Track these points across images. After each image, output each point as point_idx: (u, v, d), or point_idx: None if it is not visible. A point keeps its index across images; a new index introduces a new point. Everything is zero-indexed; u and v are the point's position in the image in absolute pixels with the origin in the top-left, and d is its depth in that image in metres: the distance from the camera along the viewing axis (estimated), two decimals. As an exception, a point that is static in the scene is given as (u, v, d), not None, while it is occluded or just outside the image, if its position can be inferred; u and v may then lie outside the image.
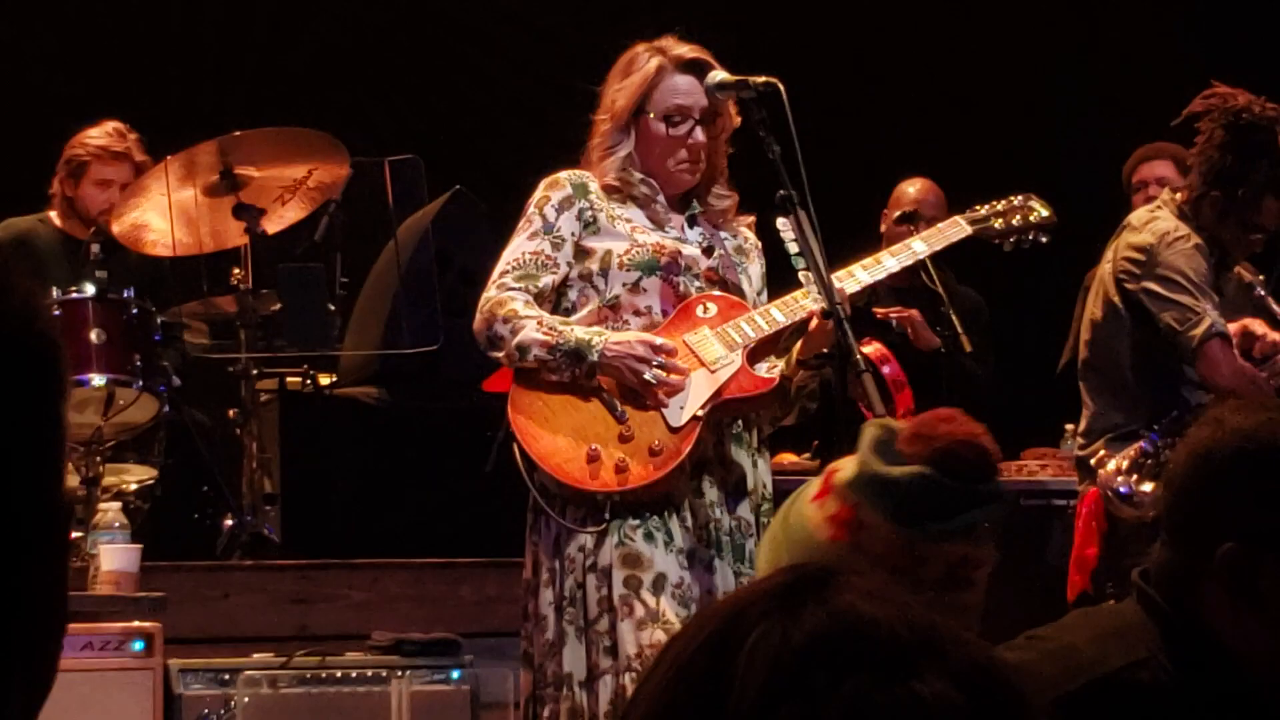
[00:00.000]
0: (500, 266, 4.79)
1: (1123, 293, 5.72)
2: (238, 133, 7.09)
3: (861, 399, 4.34)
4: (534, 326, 4.65)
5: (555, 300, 4.77)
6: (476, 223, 7.92)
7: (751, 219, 4.94)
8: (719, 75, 4.71)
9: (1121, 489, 5.55)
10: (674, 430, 4.63)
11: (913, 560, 2.23)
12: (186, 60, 9.38)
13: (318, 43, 9.72)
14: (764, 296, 4.90)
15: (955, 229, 5.12)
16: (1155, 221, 5.76)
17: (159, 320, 6.85)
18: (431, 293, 7.57)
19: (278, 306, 7.27)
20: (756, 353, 4.74)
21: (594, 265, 4.75)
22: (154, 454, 6.87)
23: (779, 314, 4.74)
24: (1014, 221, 5.20)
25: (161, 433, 6.87)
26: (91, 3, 9.33)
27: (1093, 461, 5.72)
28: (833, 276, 4.63)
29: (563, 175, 4.85)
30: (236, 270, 7.25)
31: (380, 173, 7.60)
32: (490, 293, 4.74)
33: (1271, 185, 5.66)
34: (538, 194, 4.84)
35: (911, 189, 7.62)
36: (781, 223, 4.64)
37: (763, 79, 4.62)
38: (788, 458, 7.88)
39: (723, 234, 4.88)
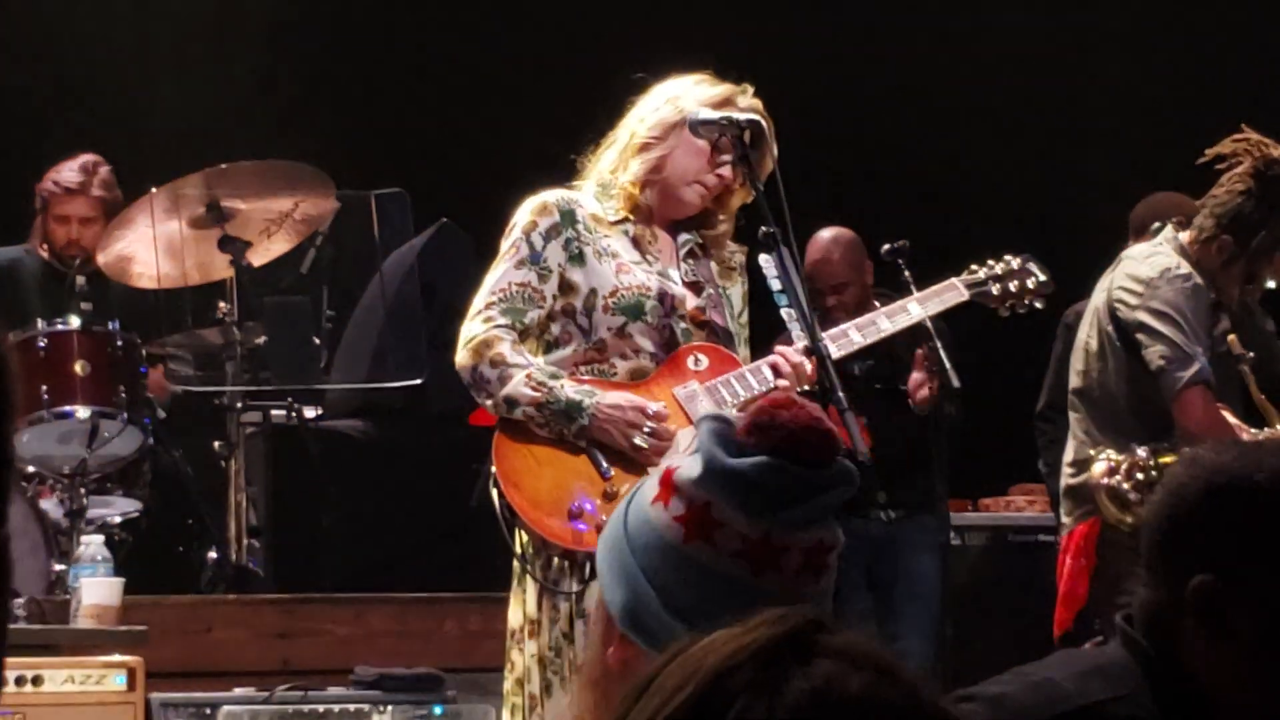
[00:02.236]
0: (485, 296, 4.67)
1: (1116, 322, 5.69)
2: (224, 165, 7.10)
3: (844, 436, 4.33)
4: (523, 380, 4.54)
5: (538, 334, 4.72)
6: (462, 256, 7.92)
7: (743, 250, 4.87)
8: (702, 112, 4.62)
9: (1119, 485, 5.47)
10: None
11: (771, 552, 2.21)
12: (173, 92, 9.38)
13: (304, 75, 9.73)
14: (744, 318, 4.85)
15: (952, 293, 5.06)
16: (1157, 256, 5.73)
17: (144, 352, 6.84)
18: (417, 326, 7.56)
19: (263, 339, 7.26)
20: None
21: (577, 303, 4.67)
22: (138, 486, 6.86)
23: (769, 372, 4.67)
24: (1011, 287, 5.14)
25: (146, 465, 6.86)
26: (81, 35, 9.33)
27: (1088, 470, 5.66)
28: (827, 335, 4.61)
29: (550, 199, 4.72)
30: (222, 303, 7.24)
31: (366, 206, 7.60)
32: (476, 328, 4.63)
33: None
34: (524, 217, 4.71)
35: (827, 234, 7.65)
36: (764, 260, 4.61)
37: (745, 117, 4.56)
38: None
39: (711, 261, 4.81)
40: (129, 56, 9.33)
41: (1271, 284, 5.76)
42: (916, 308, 4.99)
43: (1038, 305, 5.30)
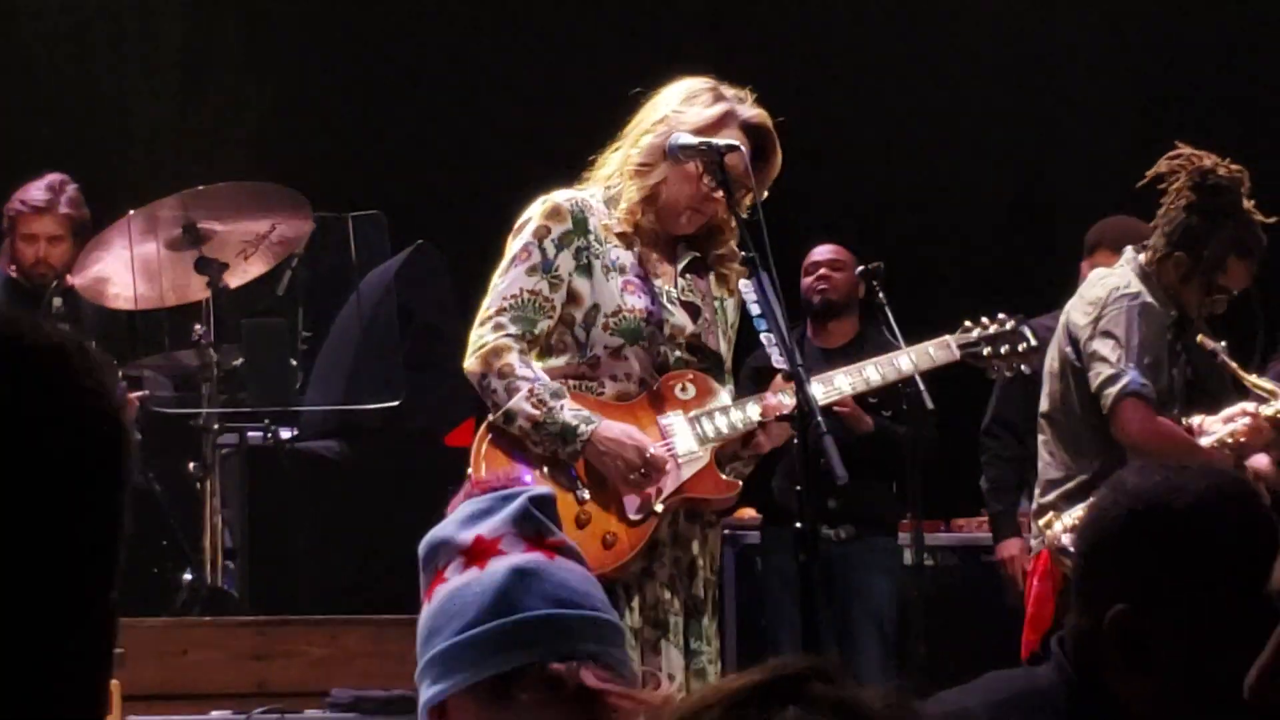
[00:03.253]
0: (496, 300, 4.63)
1: (1072, 344, 5.76)
2: (200, 187, 7.10)
3: (823, 458, 4.34)
4: (525, 396, 4.53)
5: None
6: (439, 277, 7.94)
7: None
8: (681, 138, 4.59)
9: (1070, 547, 5.55)
10: (631, 523, 4.56)
11: None
12: (149, 114, 9.38)
13: (280, 96, 9.74)
14: (734, 330, 4.85)
15: (944, 351, 5.03)
16: (1110, 278, 5.81)
17: (119, 374, 6.84)
18: (394, 347, 7.57)
19: (239, 361, 7.26)
20: (724, 448, 4.68)
21: (578, 314, 4.64)
22: (114, 508, 6.84)
23: (754, 413, 4.67)
24: (1001, 350, 5.13)
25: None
26: (56, 58, 9.33)
27: (1041, 522, 5.74)
28: (815, 381, 4.62)
29: (564, 204, 4.68)
30: (198, 325, 7.24)
31: (343, 228, 7.61)
32: (487, 335, 4.60)
33: (1236, 246, 5.70)
34: (536, 221, 4.66)
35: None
36: (744, 284, 4.62)
37: (725, 142, 4.54)
38: (748, 512, 7.91)
39: (710, 275, 4.78)
40: (104, 79, 9.33)
41: (1234, 291, 5.80)
42: (907, 363, 4.98)
43: (1024, 370, 5.31)
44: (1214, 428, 5.78)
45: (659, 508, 4.59)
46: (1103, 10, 10.22)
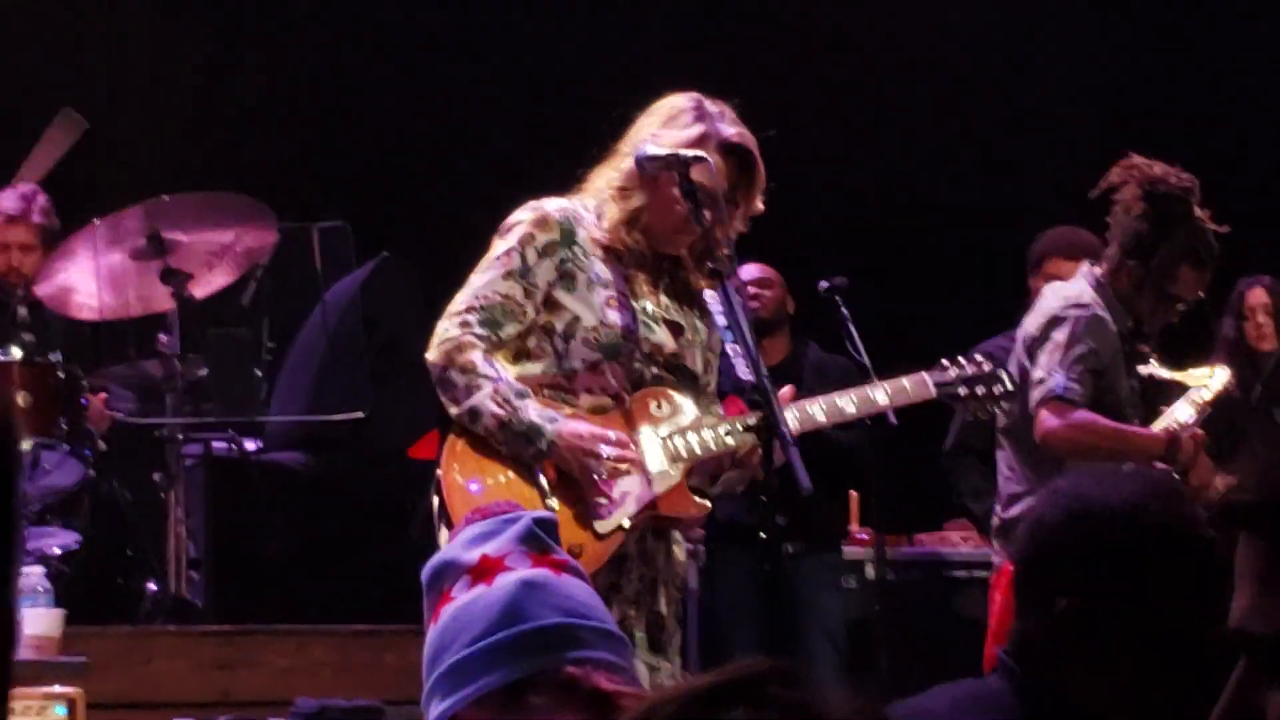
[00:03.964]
0: (467, 298, 4.61)
1: (1030, 357, 5.80)
2: (165, 197, 7.11)
3: (789, 470, 4.36)
4: (489, 394, 4.52)
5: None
6: (405, 288, 7.95)
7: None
8: (649, 148, 4.59)
9: None
10: (599, 536, 4.55)
11: None
12: (113, 122, 9.37)
13: (246, 107, 9.74)
14: (715, 356, 4.85)
15: (921, 388, 5.02)
16: (1062, 290, 5.86)
17: (85, 384, 6.84)
18: (359, 359, 7.59)
19: (205, 371, 7.26)
20: (696, 469, 4.67)
21: (559, 325, 4.63)
22: (78, 518, 6.85)
23: (729, 437, 4.66)
24: (978, 392, 5.10)
25: (86, 497, 6.85)
26: (17, 66, 9.31)
27: (1004, 536, 5.78)
28: (794, 408, 4.62)
29: (554, 213, 4.65)
30: (163, 335, 7.24)
31: (308, 239, 7.62)
32: (452, 330, 4.58)
33: (1188, 254, 5.74)
34: (523, 228, 4.63)
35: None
36: (709, 295, 4.63)
37: (693, 153, 4.54)
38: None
39: (693, 301, 4.78)
40: (67, 87, 9.32)
41: (1188, 300, 5.84)
42: (883, 397, 4.94)
43: (998, 411, 5.33)
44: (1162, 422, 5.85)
45: (627, 523, 4.57)
46: (1069, 26, 10.27)
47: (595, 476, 4.54)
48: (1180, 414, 5.85)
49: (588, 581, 2.38)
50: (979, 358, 5.17)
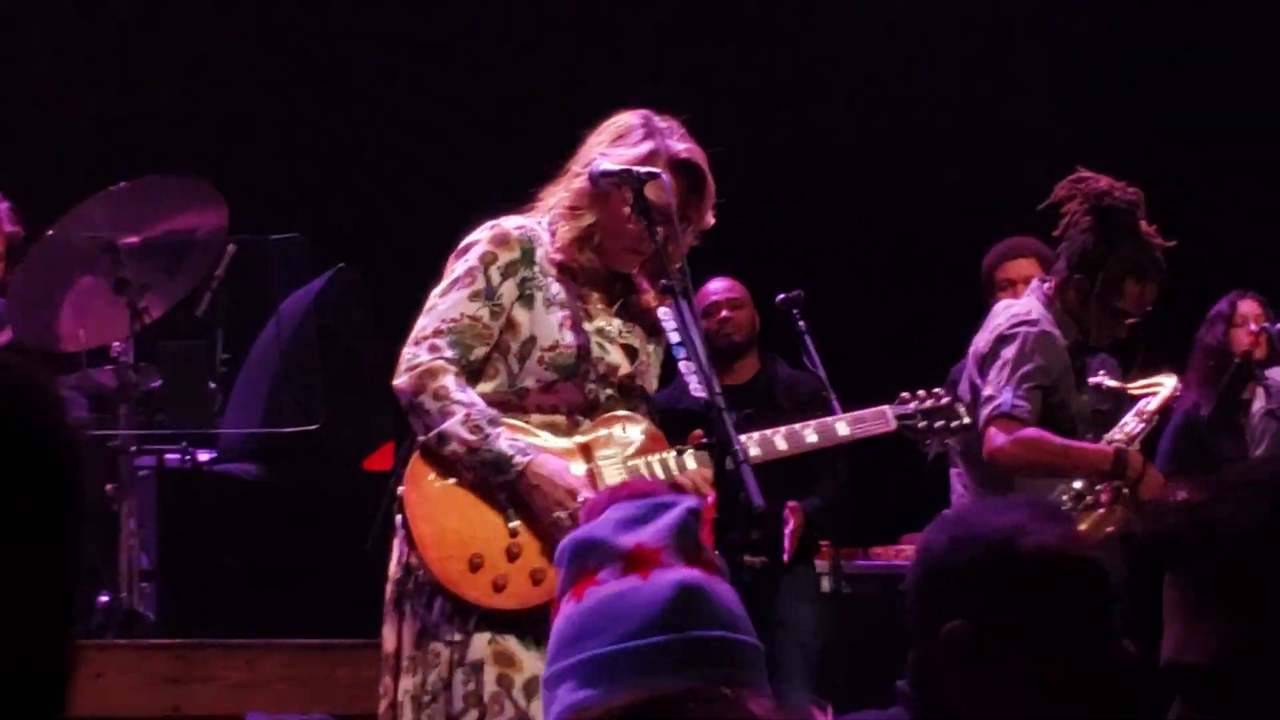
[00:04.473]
0: (434, 320, 4.59)
1: (981, 375, 5.81)
2: (101, 194, 7.02)
3: (740, 488, 4.36)
4: (461, 420, 4.49)
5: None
6: (361, 301, 7.92)
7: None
8: (603, 164, 4.60)
9: None
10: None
11: None
12: (61, 134, 9.34)
13: (200, 118, 9.71)
14: (657, 359, 4.85)
15: (881, 422, 5.09)
16: (1011, 307, 5.88)
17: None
18: (313, 370, 7.55)
19: (158, 383, 7.21)
20: None
21: (514, 344, 4.62)
22: (29, 530, 6.80)
23: (691, 462, 4.66)
24: (935, 425, 5.17)
25: (37, 508, 6.80)
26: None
27: None
28: (754, 438, 4.64)
29: (513, 232, 4.65)
30: (117, 343, 7.19)
31: (263, 250, 7.59)
32: (421, 354, 4.56)
33: (1133, 268, 5.75)
34: (483, 246, 4.63)
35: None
36: (663, 312, 4.62)
37: (646, 170, 4.54)
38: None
39: (646, 321, 4.78)
40: (18, 96, 9.28)
41: (1135, 315, 5.85)
42: (845, 429, 4.99)
43: (954, 446, 5.36)
44: (1110, 434, 5.86)
45: None
46: (1040, 41, 10.29)
47: (558, 519, 4.50)
48: (1129, 426, 5.87)
49: (729, 580, 2.36)
50: (938, 390, 5.22)
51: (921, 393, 5.20)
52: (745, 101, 9.87)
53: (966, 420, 5.24)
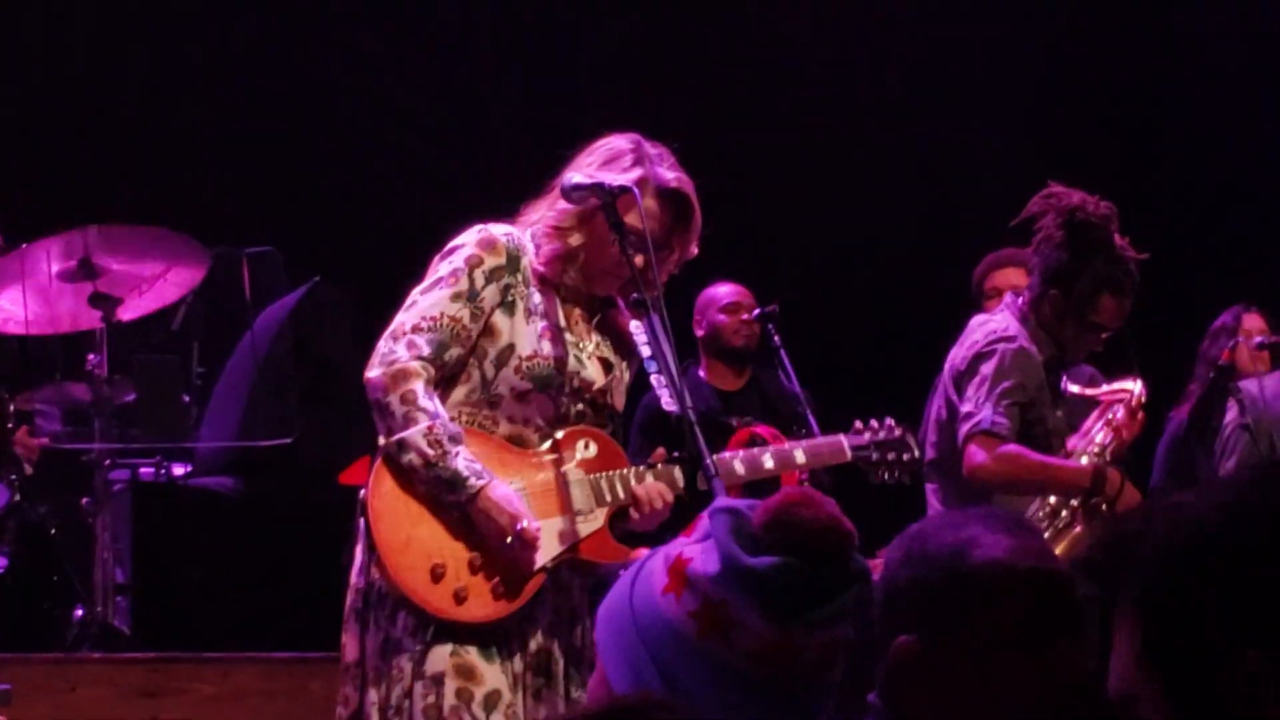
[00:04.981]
0: (414, 316, 4.55)
1: (958, 391, 5.81)
2: (95, 228, 7.04)
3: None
4: (423, 431, 4.45)
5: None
6: (336, 314, 7.92)
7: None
8: (575, 177, 4.58)
9: None
10: (521, 575, 4.52)
11: (788, 651, 2.24)
12: (47, 146, 9.33)
13: (178, 130, 9.70)
14: (621, 390, 4.87)
15: (837, 452, 5.11)
16: (988, 323, 5.87)
17: (11, 409, 6.79)
18: (288, 384, 7.55)
19: (133, 396, 7.22)
20: (620, 512, 4.64)
21: (491, 350, 4.59)
22: (3, 543, 6.80)
23: (650, 477, 4.64)
24: (889, 457, 5.18)
25: (11, 521, 6.80)
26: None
27: None
28: (717, 459, 4.58)
29: (500, 238, 4.63)
30: (91, 355, 7.19)
31: (238, 264, 7.59)
32: (399, 350, 4.51)
33: (1107, 282, 5.75)
34: (470, 249, 4.60)
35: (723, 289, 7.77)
36: (635, 326, 4.62)
37: (619, 184, 4.53)
38: (641, 552, 7.91)
39: (622, 341, 4.77)
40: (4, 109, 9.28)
41: (1109, 329, 5.86)
42: (801, 458, 5.00)
43: (905, 480, 5.37)
44: (1080, 444, 5.85)
45: (549, 565, 4.55)
46: (1003, 56, 10.32)
47: (498, 547, 4.49)
48: (1097, 435, 5.87)
49: None
50: (890, 421, 5.24)
51: (874, 423, 5.21)
52: (715, 121, 9.89)
53: (917, 454, 5.27)
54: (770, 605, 2.23)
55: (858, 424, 5.20)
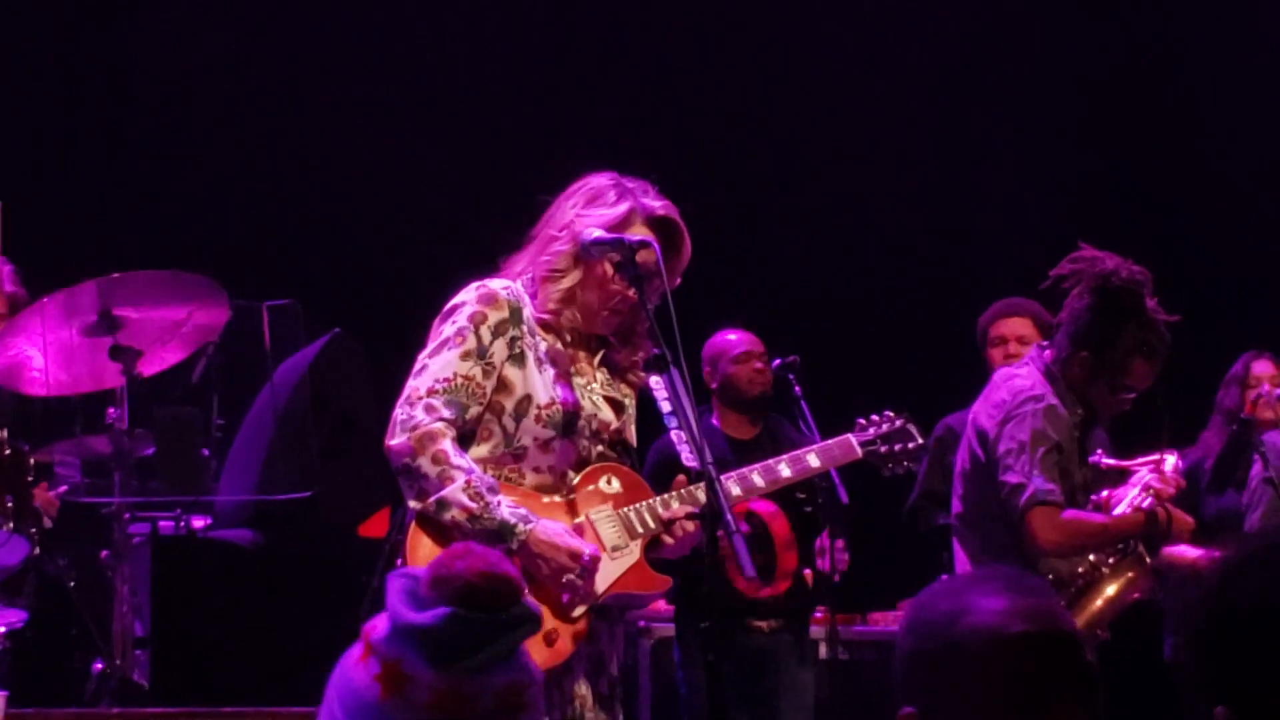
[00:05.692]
0: (428, 380, 4.54)
1: (984, 447, 5.78)
2: (116, 275, 7.06)
3: (730, 558, 4.35)
4: (462, 487, 4.45)
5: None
6: (356, 366, 7.93)
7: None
8: (595, 233, 4.59)
9: None
10: (570, 620, 4.53)
11: (462, 700, 2.26)
12: (68, 198, 9.35)
13: (196, 181, 9.73)
14: (632, 426, 4.86)
15: (848, 450, 5.18)
16: (1015, 379, 5.83)
17: (32, 462, 6.78)
18: (307, 437, 7.54)
19: (152, 450, 7.21)
20: (652, 542, 4.65)
21: (508, 404, 4.59)
22: (23, 596, 6.79)
23: (678, 504, 4.65)
24: (895, 448, 5.25)
25: (31, 575, 6.79)
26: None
27: None
28: (733, 475, 4.65)
29: (500, 293, 4.63)
30: (111, 409, 7.19)
31: (258, 316, 7.59)
32: (419, 414, 4.50)
33: (1140, 347, 5.73)
34: (472, 307, 4.60)
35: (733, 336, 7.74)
36: (655, 381, 4.60)
37: (638, 238, 4.55)
38: (659, 605, 7.88)
39: (623, 382, 4.79)
40: (17, 160, 9.30)
41: (1139, 390, 5.85)
42: (815, 460, 5.04)
43: (912, 468, 5.40)
44: (1122, 493, 5.85)
45: (604, 599, 4.57)
46: (1023, 107, 10.33)
47: (565, 583, 4.50)
48: (1136, 500, 5.83)
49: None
50: (889, 413, 5.32)
51: (875, 416, 5.29)
52: (718, 161, 9.91)
53: (920, 440, 5.33)
54: (435, 655, 2.27)
55: (861, 421, 5.28)
